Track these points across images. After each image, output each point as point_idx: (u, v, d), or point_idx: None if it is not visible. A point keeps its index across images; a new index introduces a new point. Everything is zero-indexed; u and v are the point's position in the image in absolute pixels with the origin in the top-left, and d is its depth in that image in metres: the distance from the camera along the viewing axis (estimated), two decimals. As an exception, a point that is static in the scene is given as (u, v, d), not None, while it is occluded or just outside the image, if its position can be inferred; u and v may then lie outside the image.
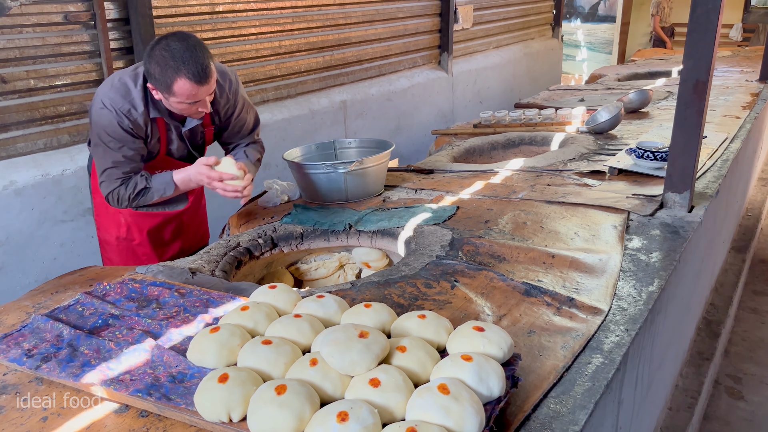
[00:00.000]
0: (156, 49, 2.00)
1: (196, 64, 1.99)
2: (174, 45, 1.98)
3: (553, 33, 8.72)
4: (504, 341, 1.36)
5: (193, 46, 2.00)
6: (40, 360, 1.46)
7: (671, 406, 2.74)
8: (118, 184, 2.21)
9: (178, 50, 1.97)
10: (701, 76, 2.22)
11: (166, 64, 1.98)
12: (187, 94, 2.04)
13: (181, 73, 1.98)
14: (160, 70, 1.99)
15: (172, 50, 1.97)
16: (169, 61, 1.98)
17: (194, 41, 2.02)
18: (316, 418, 1.14)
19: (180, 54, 1.97)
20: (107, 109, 2.11)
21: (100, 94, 2.14)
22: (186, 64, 1.98)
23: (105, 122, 2.13)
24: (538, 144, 3.72)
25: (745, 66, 6.03)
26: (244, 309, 1.53)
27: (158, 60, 1.99)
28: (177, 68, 1.98)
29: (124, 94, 2.12)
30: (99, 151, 2.20)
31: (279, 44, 4.72)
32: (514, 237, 2.20)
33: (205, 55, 2.03)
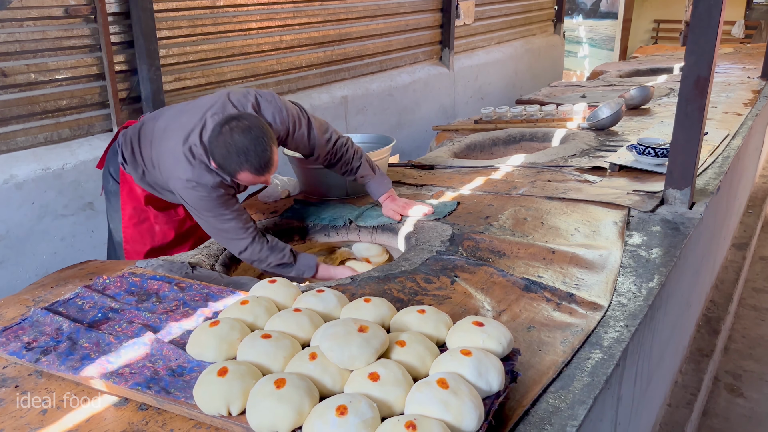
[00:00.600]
0: (222, 137, 1.95)
1: (259, 158, 1.95)
2: (237, 138, 1.93)
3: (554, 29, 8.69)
4: (503, 336, 1.36)
5: (257, 138, 1.95)
6: (39, 353, 1.46)
7: (670, 402, 2.74)
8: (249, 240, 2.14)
9: (242, 143, 1.93)
10: (703, 72, 2.21)
11: (229, 156, 1.95)
12: (250, 182, 2.05)
13: (243, 168, 1.96)
14: (224, 160, 1.97)
15: (236, 144, 1.93)
16: (233, 155, 1.94)
17: (258, 131, 1.96)
18: (315, 411, 1.14)
19: (243, 147, 1.93)
20: (201, 187, 2.07)
21: (183, 177, 2.07)
22: (249, 159, 1.95)
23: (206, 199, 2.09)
24: (539, 140, 3.72)
25: (747, 63, 6.02)
26: (243, 303, 1.53)
27: (222, 151, 1.95)
28: (240, 163, 1.95)
29: (207, 170, 2.08)
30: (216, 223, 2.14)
31: (280, 39, 4.71)
32: (514, 233, 2.20)
33: (269, 145, 1.98)
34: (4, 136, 3.26)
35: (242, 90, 2.23)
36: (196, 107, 2.18)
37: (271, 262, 2.16)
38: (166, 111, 2.30)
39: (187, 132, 2.09)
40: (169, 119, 2.21)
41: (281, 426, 1.15)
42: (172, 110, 2.28)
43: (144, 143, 2.26)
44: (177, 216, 2.50)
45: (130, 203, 2.41)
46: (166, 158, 2.13)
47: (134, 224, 2.44)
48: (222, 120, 2.00)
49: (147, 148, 2.24)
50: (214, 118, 2.09)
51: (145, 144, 2.25)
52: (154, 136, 2.21)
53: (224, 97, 2.17)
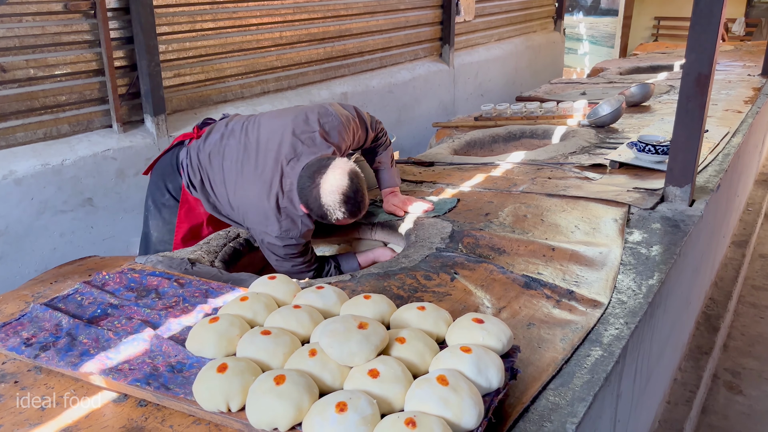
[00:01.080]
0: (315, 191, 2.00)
1: (357, 206, 2.03)
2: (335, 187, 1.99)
3: (555, 26, 8.68)
4: (503, 333, 1.35)
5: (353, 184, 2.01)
6: (38, 349, 1.46)
7: (670, 399, 2.75)
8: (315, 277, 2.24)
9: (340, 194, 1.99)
10: (703, 69, 2.21)
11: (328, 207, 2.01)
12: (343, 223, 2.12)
13: (345, 216, 2.04)
14: (321, 210, 2.02)
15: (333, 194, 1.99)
16: (331, 205, 2.00)
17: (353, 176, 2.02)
18: (314, 408, 1.14)
19: (342, 198, 2.00)
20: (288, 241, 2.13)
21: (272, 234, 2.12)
22: (348, 209, 2.02)
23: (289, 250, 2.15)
24: (539, 137, 3.71)
25: (748, 60, 6.01)
26: (243, 299, 1.53)
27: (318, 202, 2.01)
28: (341, 212, 2.02)
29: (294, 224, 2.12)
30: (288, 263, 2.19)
31: (280, 35, 4.70)
32: (514, 230, 2.19)
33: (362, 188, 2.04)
34: (3, 132, 3.25)
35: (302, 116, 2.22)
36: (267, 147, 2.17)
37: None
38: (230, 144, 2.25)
39: (267, 187, 2.12)
40: (239, 163, 2.20)
41: (281, 422, 1.15)
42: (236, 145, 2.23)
43: (215, 181, 2.25)
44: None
45: (187, 222, 2.42)
46: (251, 211, 2.16)
47: (186, 241, 2.44)
48: (309, 172, 2.04)
49: (220, 188, 2.24)
50: (291, 165, 2.11)
51: (217, 183, 2.24)
52: (226, 177, 2.21)
53: (290, 131, 2.17)
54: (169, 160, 2.41)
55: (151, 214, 2.48)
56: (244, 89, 4.49)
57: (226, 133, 2.29)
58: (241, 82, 4.47)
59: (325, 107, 2.28)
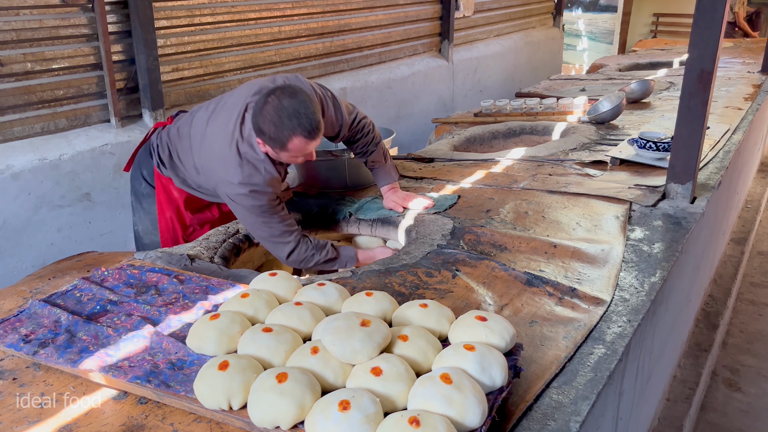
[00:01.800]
0: (268, 108, 1.96)
1: (309, 121, 1.96)
2: (286, 103, 1.94)
3: (554, 22, 8.66)
4: (506, 331, 1.35)
5: (304, 102, 1.96)
6: (37, 345, 1.44)
7: (669, 396, 2.74)
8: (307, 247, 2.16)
9: (292, 108, 1.94)
10: (706, 65, 2.19)
11: (281, 124, 1.95)
12: (301, 150, 2.03)
13: (296, 132, 1.96)
14: (275, 129, 1.96)
15: (286, 109, 1.94)
16: (285, 120, 1.94)
17: (304, 96, 1.98)
18: (317, 406, 1.13)
19: (294, 112, 1.94)
20: (254, 193, 2.07)
21: (235, 180, 2.07)
22: (301, 122, 1.95)
23: (256, 203, 2.09)
24: (539, 133, 3.70)
25: (747, 57, 6.00)
26: (244, 296, 1.52)
27: (272, 119, 1.95)
28: (293, 128, 1.95)
29: (255, 170, 2.08)
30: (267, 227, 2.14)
31: (279, 29, 4.67)
32: (515, 226, 2.18)
33: (316, 109, 1.99)
34: (0, 126, 3.22)
35: (269, 78, 2.22)
36: (229, 105, 2.16)
37: (318, 260, 2.18)
38: (198, 112, 2.27)
39: (229, 134, 2.09)
40: (204, 123, 2.19)
41: (283, 420, 1.14)
42: (203, 111, 2.25)
43: (182, 149, 2.24)
44: (212, 216, 2.50)
45: (167, 206, 2.40)
46: (214, 164, 2.12)
47: (171, 228, 2.43)
48: (265, 93, 1.99)
49: (187, 154, 2.23)
50: (250, 111, 2.08)
51: (184, 150, 2.24)
52: (192, 142, 2.20)
53: (255, 88, 2.15)
54: (144, 147, 2.44)
55: (134, 207, 2.50)
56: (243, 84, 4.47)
57: (197, 108, 2.31)
58: (240, 76, 4.45)
59: (296, 75, 2.25)
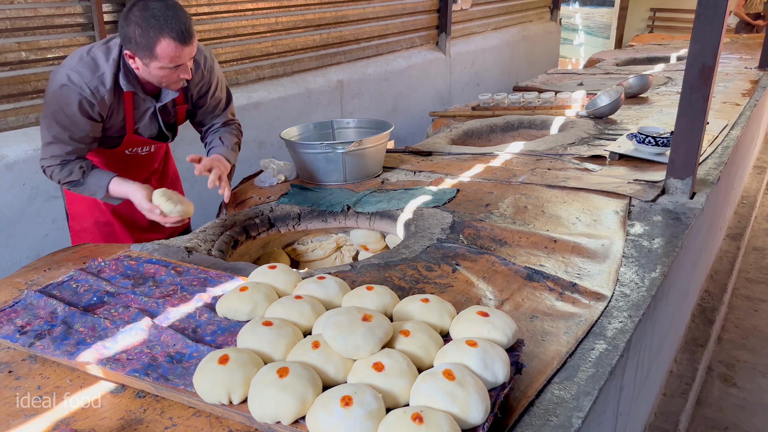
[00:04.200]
0: (134, 11, 1.89)
1: (179, 23, 1.89)
2: (153, 5, 1.88)
3: (551, 16, 8.64)
4: (509, 327, 1.34)
5: (173, 6, 1.90)
6: (33, 337, 1.42)
7: (665, 391, 2.75)
8: (56, 163, 2.10)
9: (160, 10, 1.88)
10: (708, 60, 2.18)
11: (147, 25, 1.88)
12: (171, 56, 1.94)
13: (164, 33, 1.88)
14: (141, 31, 1.89)
15: (153, 10, 1.87)
16: (151, 21, 1.87)
17: (173, 1, 1.92)
18: (319, 401, 1.12)
19: (162, 14, 1.87)
20: (70, 86, 1.98)
21: (66, 67, 2.00)
22: (169, 23, 1.88)
23: (63, 100, 2.00)
24: (538, 127, 3.69)
25: (744, 53, 6.00)
26: (243, 289, 1.50)
27: (138, 22, 1.88)
28: (160, 28, 1.88)
29: (93, 69, 2.00)
30: (46, 123, 2.07)
31: (275, 20, 4.64)
32: (515, 221, 2.17)
33: (186, 15, 1.94)
34: (-6, 116, 3.20)
35: None
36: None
37: (60, 179, 2.13)
38: None
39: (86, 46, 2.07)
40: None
41: (284, 416, 1.13)
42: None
43: None
44: None
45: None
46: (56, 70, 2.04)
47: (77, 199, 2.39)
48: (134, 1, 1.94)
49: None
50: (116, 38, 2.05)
51: None
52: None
53: None
54: None
55: None
56: (239, 75, 4.44)
57: None
58: (236, 68, 4.41)
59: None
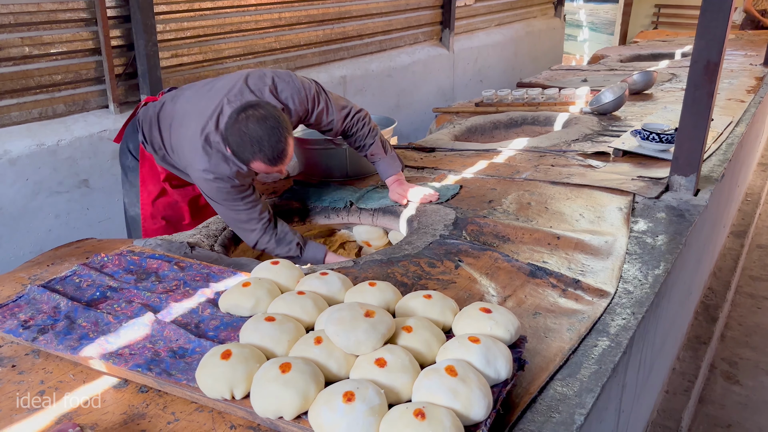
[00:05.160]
0: (235, 126, 1.94)
1: (273, 149, 1.94)
2: (252, 127, 1.91)
3: (555, 12, 8.60)
4: (511, 323, 1.33)
5: (273, 128, 1.93)
6: (36, 332, 1.43)
7: (668, 389, 2.74)
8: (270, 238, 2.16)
9: (257, 133, 1.92)
10: (713, 57, 2.17)
11: (243, 145, 1.94)
12: (263, 170, 2.03)
13: (257, 157, 1.95)
14: (237, 148, 1.96)
15: (250, 133, 1.92)
16: (247, 143, 1.93)
17: (273, 121, 1.93)
18: (321, 397, 1.12)
19: (258, 137, 1.92)
20: (219, 180, 2.06)
21: (200, 167, 2.06)
22: (263, 149, 1.93)
23: (222, 190, 2.08)
24: (541, 124, 3.68)
25: (749, 50, 5.98)
26: (245, 285, 1.50)
27: (237, 138, 1.94)
28: (253, 152, 1.94)
29: (223, 162, 2.05)
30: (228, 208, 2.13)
31: (279, 16, 4.63)
32: (518, 217, 2.17)
33: (284, 136, 1.96)
34: (-3, 111, 3.20)
35: (259, 72, 2.20)
36: (213, 91, 2.14)
37: (279, 254, 2.17)
38: (185, 91, 2.26)
39: (204, 120, 2.07)
40: (187, 103, 2.18)
41: (286, 411, 1.13)
42: (190, 91, 2.24)
43: (164, 126, 2.22)
44: (194, 192, 2.48)
45: (150, 180, 2.40)
46: (184, 146, 2.11)
47: (152, 201, 2.43)
48: (239, 107, 1.97)
49: (167, 131, 2.21)
50: (231, 105, 2.06)
51: (165, 127, 2.22)
52: (173, 120, 2.18)
53: (242, 81, 2.14)
54: (132, 121, 2.43)
55: (123, 181, 2.50)
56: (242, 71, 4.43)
57: (187, 87, 2.29)
58: (239, 63, 4.41)
59: (287, 72, 2.24)
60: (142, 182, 2.40)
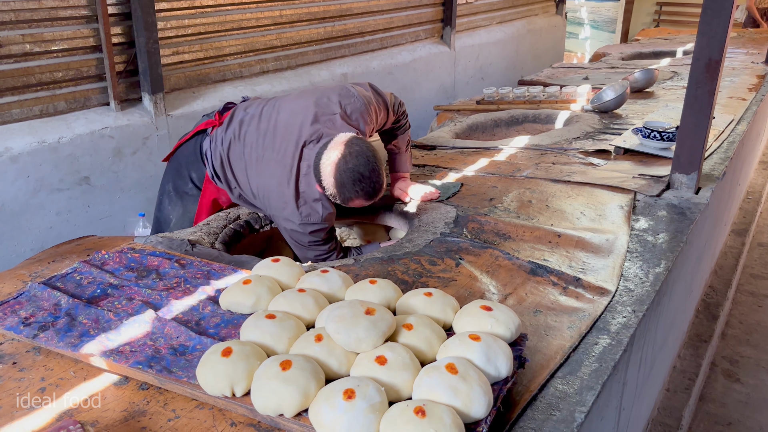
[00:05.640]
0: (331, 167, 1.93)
1: (373, 185, 1.95)
2: (351, 164, 1.92)
3: (556, 9, 8.59)
4: (512, 321, 1.33)
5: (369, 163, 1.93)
6: (37, 329, 1.43)
7: (669, 387, 2.75)
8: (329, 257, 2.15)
9: (356, 171, 1.92)
10: (714, 54, 2.17)
11: (342, 186, 1.94)
12: (360, 205, 2.04)
13: (358, 196, 1.96)
14: (336, 189, 1.96)
15: (349, 171, 1.92)
16: (347, 183, 1.93)
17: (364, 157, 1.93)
18: (321, 394, 1.12)
19: (358, 176, 1.92)
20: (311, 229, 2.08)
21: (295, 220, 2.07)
22: (364, 187, 1.94)
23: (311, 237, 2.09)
24: (542, 122, 3.68)
25: (751, 48, 5.97)
26: (246, 282, 1.50)
27: (334, 179, 1.94)
28: (355, 192, 1.95)
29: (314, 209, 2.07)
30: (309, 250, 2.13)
31: (280, 13, 4.62)
32: (519, 215, 2.17)
33: (379, 168, 1.97)
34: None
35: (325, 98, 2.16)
36: (286, 130, 2.11)
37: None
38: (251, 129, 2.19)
39: (286, 171, 2.07)
40: (258, 148, 2.14)
41: (286, 408, 1.13)
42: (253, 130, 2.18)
43: (237, 168, 2.19)
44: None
45: (207, 210, 2.37)
46: (271, 197, 2.11)
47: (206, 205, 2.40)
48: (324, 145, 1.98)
49: (242, 173, 2.18)
50: (310, 147, 2.05)
51: (239, 169, 2.19)
52: (248, 165, 2.16)
53: (311, 114, 2.10)
54: (192, 148, 2.34)
55: (172, 200, 2.43)
56: (243, 68, 4.43)
57: (246, 118, 2.23)
58: (240, 61, 4.40)
59: (347, 88, 2.21)
60: (199, 212, 2.38)
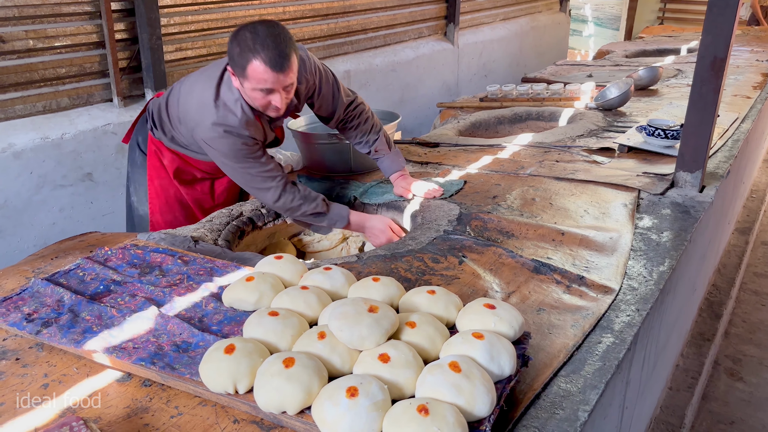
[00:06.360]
0: (240, 31, 1.92)
1: (275, 49, 1.90)
2: (259, 28, 1.90)
3: (560, 6, 8.57)
4: (515, 319, 1.33)
5: (278, 34, 1.90)
6: (40, 325, 1.43)
7: (672, 385, 2.74)
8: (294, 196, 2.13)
9: (261, 33, 1.89)
10: (719, 52, 2.16)
11: (245, 46, 1.90)
12: (260, 78, 1.93)
13: (257, 55, 1.90)
14: (239, 51, 1.91)
15: (256, 32, 1.89)
16: (249, 42, 1.89)
17: (280, 29, 1.92)
18: (324, 392, 1.12)
19: (262, 37, 1.89)
20: (228, 135, 2.03)
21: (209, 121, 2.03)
22: (265, 48, 1.89)
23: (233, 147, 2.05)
24: (546, 119, 3.67)
25: (755, 46, 5.94)
26: (249, 279, 1.50)
27: (240, 41, 1.91)
28: (254, 50, 1.89)
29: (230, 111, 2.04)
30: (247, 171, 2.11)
31: (283, 10, 4.62)
32: (522, 213, 2.16)
33: (289, 45, 1.93)
34: (1, 104, 3.20)
35: None
36: (220, 61, 2.14)
37: (305, 211, 2.15)
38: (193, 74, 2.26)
39: (209, 81, 2.07)
40: (194, 76, 2.18)
41: (289, 406, 1.13)
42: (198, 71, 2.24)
43: (171, 104, 2.22)
44: (202, 192, 2.46)
45: (157, 176, 2.38)
46: (191, 108, 2.09)
47: (160, 195, 2.41)
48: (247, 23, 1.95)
49: (174, 107, 2.20)
50: None
51: (173, 104, 2.21)
52: (180, 94, 2.17)
53: None
54: (142, 117, 2.44)
55: (129, 179, 2.48)
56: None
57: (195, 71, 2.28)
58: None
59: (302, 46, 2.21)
60: (150, 179, 2.39)
